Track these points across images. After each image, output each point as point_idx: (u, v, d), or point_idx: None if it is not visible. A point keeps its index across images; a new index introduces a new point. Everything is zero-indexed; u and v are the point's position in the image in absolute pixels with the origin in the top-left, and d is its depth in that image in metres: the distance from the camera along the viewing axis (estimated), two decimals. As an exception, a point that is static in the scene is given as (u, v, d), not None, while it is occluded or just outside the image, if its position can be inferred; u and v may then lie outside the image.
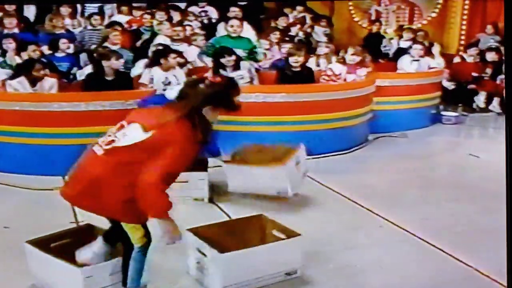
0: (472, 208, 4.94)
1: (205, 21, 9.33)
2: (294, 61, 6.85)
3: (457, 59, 10.00)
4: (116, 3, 9.35)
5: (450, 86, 9.34)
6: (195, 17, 9.30)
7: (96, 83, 6.00)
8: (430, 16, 11.31)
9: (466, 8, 11.07)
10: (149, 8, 9.01)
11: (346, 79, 7.06)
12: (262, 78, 7.27)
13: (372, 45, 9.46)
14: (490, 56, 9.38)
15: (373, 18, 10.97)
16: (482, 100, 9.23)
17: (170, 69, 6.48)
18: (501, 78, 9.00)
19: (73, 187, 2.98)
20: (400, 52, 9.11)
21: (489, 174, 5.82)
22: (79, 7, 9.40)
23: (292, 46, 7.59)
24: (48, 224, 3.98)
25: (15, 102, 5.74)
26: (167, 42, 7.65)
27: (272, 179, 4.92)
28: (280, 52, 8.02)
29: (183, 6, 9.56)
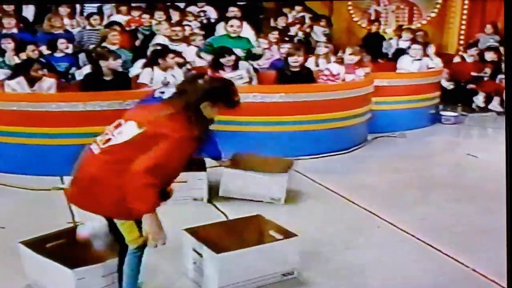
0: (470, 208, 4.93)
1: (204, 21, 9.31)
2: (294, 61, 6.84)
3: (457, 59, 9.99)
4: (115, 3, 9.34)
5: (449, 86, 9.33)
6: (194, 17, 9.29)
7: (94, 83, 5.99)
8: (429, 16, 11.30)
9: (465, 8, 11.06)
10: (148, 8, 9.01)
11: (344, 79, 7.04)
12: (261, 78, 7.26)
13: (371, 45, 9.45)
14: (489, 55, 9.37)
15: (372, 18, 10.95)
16: (481, 100, 9.22)
17: (168, 69, 6.48)
18: (500, 78, 9.00)
19: (73, 187, 2.96)
20: (399, 53, 9.10)
21: (487, 174, 5.82)
22: (78, 7, 9.40)
23: (291, 46, 7.58)
24: (45, 224, 3.95)
25: (13, 102, 5.73)
26: (165, 42, 7.65)
27: (270, 186, 4.99)
28: (279, 52, 8.01)
29: (182, 6, 9.56)
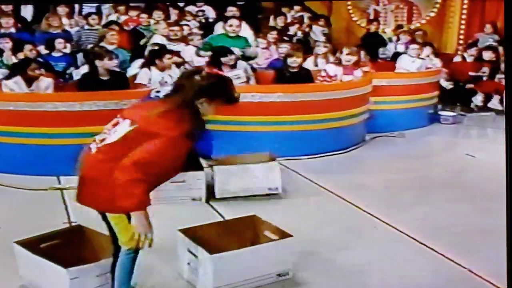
0: (468, 208, 4.92)
1: (202, 20, 9.30)
2: (293, 62, 6.83)
3: (458, 58, 9.98)
4: (114, 3, 9.33)
5: (448, 85, 9.31)
6: (192, 16, 9.28)
7: (91, 83, 5.98)
8: (428, 16, 11.28)
9: (464, 7, 11.04)
10: (147, 8, 8.99)
11: (342, 81, 7.02)
12: (259, 78, 7.26)
13: (370, 44, 9.44)
14: (487, 55, 9.34)
15: (371, 17, 10.94)
16: (479, 100, 9.20)
17: (166, 69, 6.47)
18: (499, 77, 8.99)
19: (77, 186, 2.93)
20: (398, 55, 9.08)
21: (486, 174, 5.81)
22: (76, 6, 9.39)
23: (290, 47, 7.58)
24: (42, 224, 3.94)
25: (9, 102, 5.71)
26: (163, 41, 7.65)
27: (265, 176, 5.03)
28: (277, 51, 8.00)
29: (181, 5, 9.55)
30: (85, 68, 6.74)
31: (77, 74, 7.01)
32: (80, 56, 7.78)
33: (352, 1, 11.46)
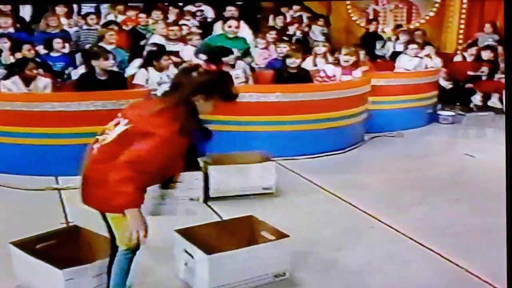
0: (466, 209, 4.90)
1: (201, 20, 9.30)
2: (292, 62, 6.82)
3: (458, 58, 9.97)
4: (114, 3, 9.31)
5: (447, 85, 9.30)
6: (191, 16, 9.27)
7: (89, 83, 5.96)
8: (428, 15, 11.28)
9: (464, 7, 11.03)
10: (146, 8, 8.98)
11: (340, 81, 7.00)
12: (258, 78, 7.25)
13: (369, 44, 9.44)
14: (485, 54, 9.34)
15: (371, 17, 10.92)
16: (478, 99, 9.20)
17: (164, 69, 6.46)
18: (498, 77, 8.99)
19: (80, 187, 2.92)
20: (396, 55, 9.07)
21: (485, 174, 5.81)
22: (75, 6, 9.37)
23: (289, 47, 7.56)
24: (39, 224, 3.92)
25: (7, 102, 5.70)
26: (162, 41, 7.64)
27: (260, 176, 5.02)
28: (276, 51, 7.99)
29: (181, 4, 9.54)
30: (83, 68, 6.74)
31: (75, 74, 7.01)
32: (78, 56, 7.78)
33: (351, 1, 11.46)
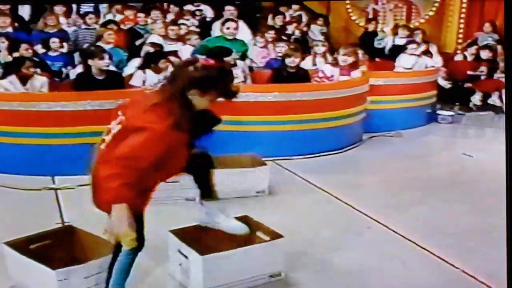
0: (463, 209, 4.88)
1: (200, 19, 9.28)
2: (291, 62, 6.80)
3: (459, 57, 9.96)
4: (113, 3, 9.30)
5: (446, 85, 9.28)
6: (191, 15, 9.26)
7: (86, 83, 5.95)
8: (427, 15, 11.24)
9: (463, 6, 11.00)
10: (145, 7, 8.97)
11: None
12: (256, 77, 7.23)
13: (368, 43, 9.42)
14: (484, 54, 9.32)
15: (370, 16, 10.90)
16: (478, 99, 9.18)
17: (162, 71, 6.45)
18: (498, 76, 8.97)
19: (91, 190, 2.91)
20: (395, 50, 9.05)
21: (483, 174, 5.80)
22: (74, 6, 9.36)
23: (289, 47, 7.55)
24: (34, 224, 3.90)
25: (4, 102, 5.68)
26: (160, 41, 7.62)
27: (254, 180, 5.02)
28: (274, 50, 7.97)
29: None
30: (81, 68, 6.73)
31: (73, 73, 7.00)
32: (77, 56, 7.77)
33: (351, 0, 11.43)
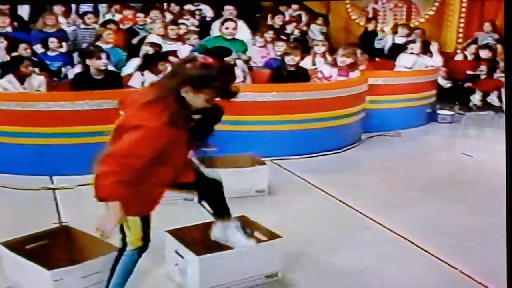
0: (462, 209, 4.86)
1: (199, 19, 9.28)
2: (290, 60, 6.78)
3: (459, 57, 9.94)
4: (113, 3, 9.29)
5: (446, 84, 9.27)
6: (190, 15, 9.25)
7: (84, 82, 5.94)
8: (427, 14, 11.24)
9: (463, 6, 10.99)
10: (144, 7, 8.97)
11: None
12: (255, 77, 7.21)
13: (368, 43, 9.41)
14: (483, 53, 9.30)
15: (370, 16, 10.89)
16: (478, 98, 9.16)
17: (161, 72, 6.43)
18: (497, 76, 8.96)
19: None
20: (395, 49, 9.04)
21: (482, 174, 5.79)
22: (74, 5, 9.35)
23: (288, 45, 7.54)
24: (32, 224, 3.90)
25: (1, 101, 5.66)
26: (159, 41, 7.61)
27: (253, 179, 5.01)
28: (274, 50, 7.96)
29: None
30: (80, 68, 6.72)
31: (72, 73, 6.99)
32: (76, 55, 7.76)
33: (351, 0, 11.43)
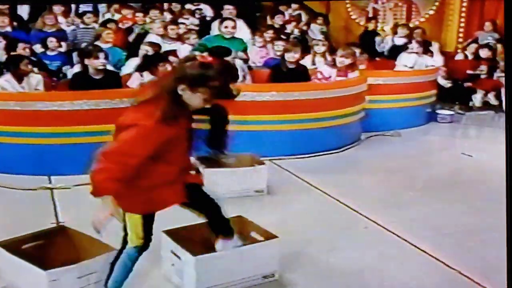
0: (462, 209, 4.84)
1: (198, 16, 9.28)
2: (291, 57, 6.77)
3: (460, 56, 9.93)
4: (113, 3, 9.29)
5: (446, 84, 9.26)
6: (190, 14, 9.25)
7: (83, 82, 5.93)
8: (427, 14, 11.22)
9: (464, 5, 10.97)
10: (144, 7, 8.96)
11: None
12: (254, 76, 7.20)
13: (368, 42, 9.39)
14: (483, 53, 9.30)
15: (370, 15, 10.88)
16: (479, 98, 9.15)
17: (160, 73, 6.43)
18: (498, 76, 8.95)
19: None
20: (395, 50, 9.02)
21: (482, 174, 5.78)
22: (73, 5, 9.35)
23: (288, 43, 7.53)
24: (29, 224, 3.89)
25: (0, 101, 5.65)
26: (158, 40, 7.61)
27: (252, 179, 5.01)
28: (273, 50, 7.95)
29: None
30: (79, 67, 6.71)
31: (71, 73, 6.98)
32: (75, 55, 7.76)
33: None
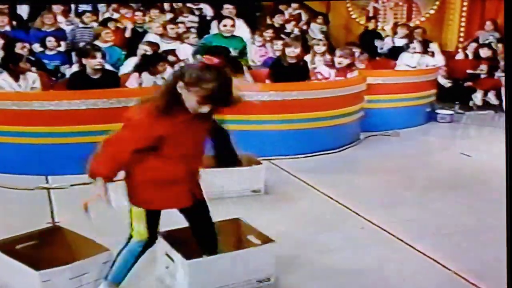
0: (462, 209, 4.82)
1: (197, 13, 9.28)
2: (291, 52, 6.74)
3: (460, 56, 9.91)
4: (112, 3, 9.28)
5: (446, 83, 9.24)
6: (189, 13, 9.24)
7: (80, 82, 5.91)
8: (428, 13, 11.20)
9: (464, 5, 10.95)
10: (143, 6, 8.96)
11: (335, 81, 6.95)
12: (253, 76, 7.18)
13: (368, 42, 9.38)
14: (483, 52, 9.28)
15: (370, 15, 10.86)
16: (479, 98, 9.13)
17: (159, 73, 6.41)
18: (498, 75, 8.93)
19: None
20: (395, 50, 9.00)
21: (481, 174, 5.75)
22: (73, 5, 9.35)
23: (288, 39, 7.52)
24: (25, 224, 3.87)
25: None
26: (157, 40, 7.60)
27: (249, 179, 5.00)
28: (272, 49, 7.94)
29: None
30: (77, 67, 6.70)
31: (69, 72, 6.98)
32: (74, 55, 7.76)
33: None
